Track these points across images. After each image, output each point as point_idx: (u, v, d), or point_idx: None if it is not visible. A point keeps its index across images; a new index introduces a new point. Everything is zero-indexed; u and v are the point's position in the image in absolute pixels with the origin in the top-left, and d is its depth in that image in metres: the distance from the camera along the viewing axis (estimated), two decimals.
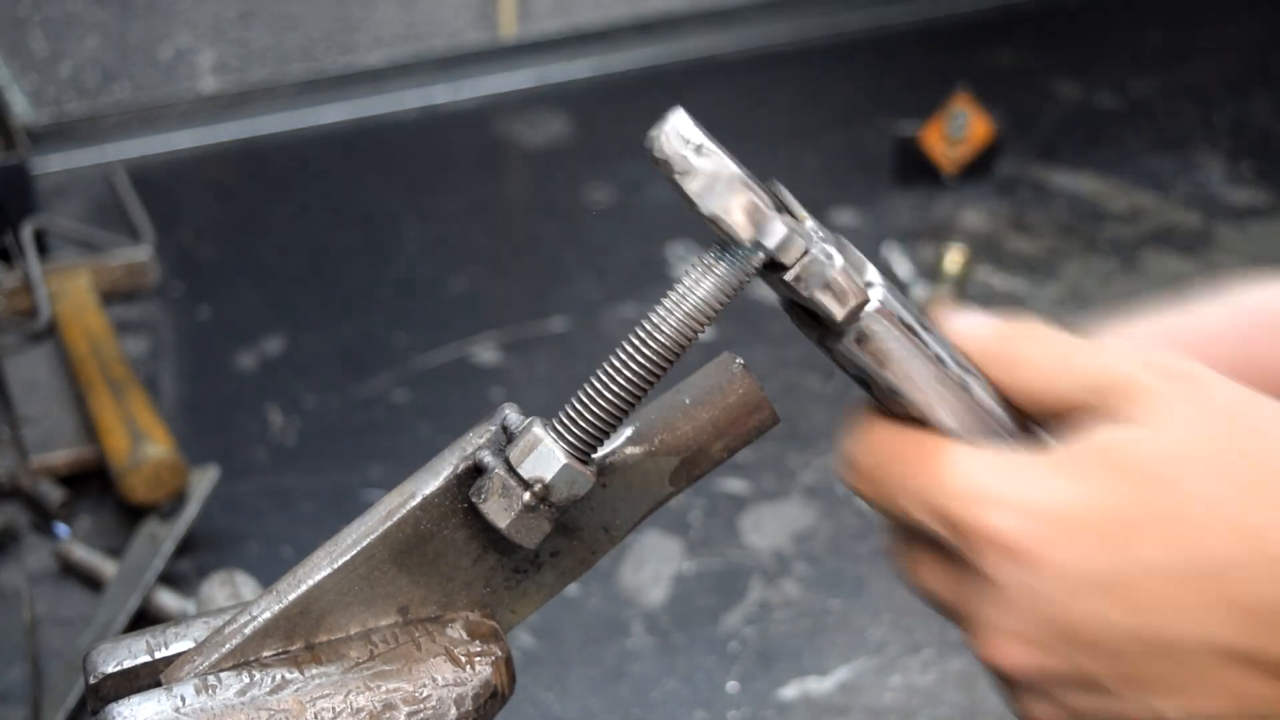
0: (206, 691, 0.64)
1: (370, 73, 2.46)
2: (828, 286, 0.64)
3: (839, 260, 0.64)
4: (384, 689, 0.66)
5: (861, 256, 0.68)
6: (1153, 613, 0.62)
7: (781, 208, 0.66)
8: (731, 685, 1.41)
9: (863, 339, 0.66)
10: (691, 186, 0.63)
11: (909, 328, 0.67)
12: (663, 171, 0.63)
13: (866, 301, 0.65)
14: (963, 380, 0.68)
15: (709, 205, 0.62)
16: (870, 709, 1.39)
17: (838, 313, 0.65)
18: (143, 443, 1.54)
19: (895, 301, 0.67)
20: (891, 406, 0.69)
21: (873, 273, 0.67)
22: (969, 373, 0.69)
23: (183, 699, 0.64)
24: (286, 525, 1.59)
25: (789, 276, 0.64)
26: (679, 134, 0.63)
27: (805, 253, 0.64)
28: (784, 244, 0.63)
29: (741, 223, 0.63)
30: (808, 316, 0.67)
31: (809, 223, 0.65)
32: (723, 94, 2.53)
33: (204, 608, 1.35)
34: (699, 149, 0.63)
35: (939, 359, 0.68)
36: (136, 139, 2.30)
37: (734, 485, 1.64)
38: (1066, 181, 2.29)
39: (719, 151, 0.63)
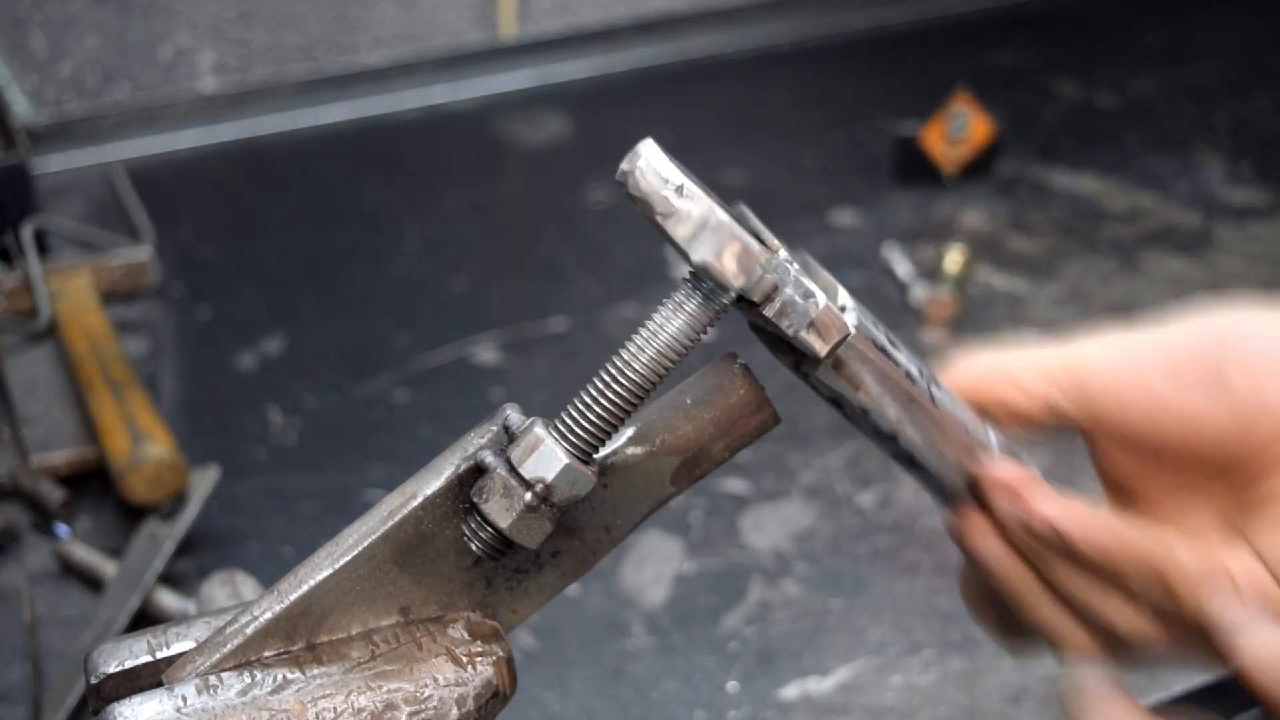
0: (208, 691, 0.64)
1: (370, 73, 2.46)
2: (812, 325, 0.65)
3: (821, 299, 0.65)
4: (385, 689, 0.66)
5: (832, 279, 0.68)
6: None
7: (753, 235, 0.66)
8: (731, 685, 1.41)
9: (839, 366, 0.67)
10: (679, 232, 0.62)
11: (881, 349, 0.68)
12: (641, 211, 0.63)
13: (847, 335, 0.66)
14: (932, 395, 0.69)
15: (699, 254, 0.62)
16: (870, 709, 1.39)
17: (821, 350, 0.65)
18: (143, 443, 1.54)
19: (869, 324, 0.67)
20: (860, 425, 0.70)
21: (844, 295, 0.68)
22: (938, 387, 0.70)
23: (184, 699, 0.64)
24: (286, 525, 1.59)
25: (771, 313, 0.64)
26: (655, 171, 0.63)
27: (787, 293, 0.64)
28: (769, 289, 0.64)
29: (733, 270, 0.63)
30: (781, 343, 0.68)
31: (781, 253, 0.66)
32: (723, 94, 2.53)
33: (204, 608, 1.35)
34: (680, 189, 0.63)
35: (909, 377, 0.69)
36: (136, 139, 2.30)
37: (734, 485, 1.64)
38: (1066, 181, 2.29)
39: (700, 192, 0.62)
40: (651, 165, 0.63)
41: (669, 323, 0.65)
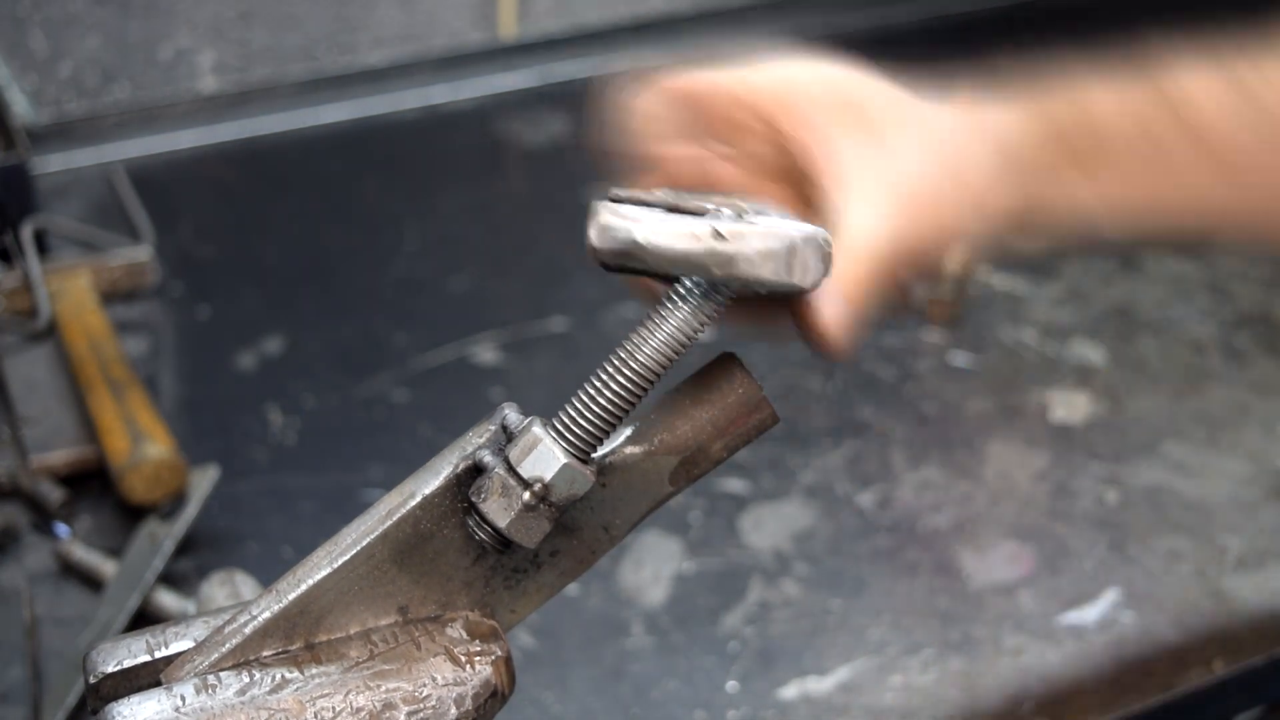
0: (206, 691, 0.64)
1: (370, 73, 2.46)
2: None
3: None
4: (384, 688, 0.66)
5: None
6: None
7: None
8: (731, 685, 1.41)
9: None
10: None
11: None
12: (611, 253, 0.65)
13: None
14: None
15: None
16: (870, 709, 1.39)
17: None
18: (143, 443, 1.54)
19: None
20: None
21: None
22: None
23: (183, 698, 0.64)
24: (286, 525, 1.59)
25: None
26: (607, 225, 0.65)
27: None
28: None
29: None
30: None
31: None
32: None
33: (204, 608, 1.35)
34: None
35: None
36: (136, 139, 2.30)
37: (734, 485, 1.64)
38: None
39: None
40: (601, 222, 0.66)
41: (667, 320, 0.66)
